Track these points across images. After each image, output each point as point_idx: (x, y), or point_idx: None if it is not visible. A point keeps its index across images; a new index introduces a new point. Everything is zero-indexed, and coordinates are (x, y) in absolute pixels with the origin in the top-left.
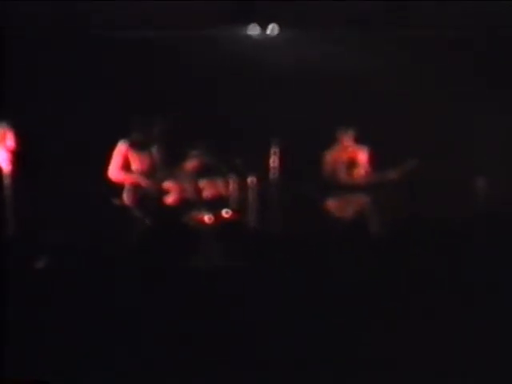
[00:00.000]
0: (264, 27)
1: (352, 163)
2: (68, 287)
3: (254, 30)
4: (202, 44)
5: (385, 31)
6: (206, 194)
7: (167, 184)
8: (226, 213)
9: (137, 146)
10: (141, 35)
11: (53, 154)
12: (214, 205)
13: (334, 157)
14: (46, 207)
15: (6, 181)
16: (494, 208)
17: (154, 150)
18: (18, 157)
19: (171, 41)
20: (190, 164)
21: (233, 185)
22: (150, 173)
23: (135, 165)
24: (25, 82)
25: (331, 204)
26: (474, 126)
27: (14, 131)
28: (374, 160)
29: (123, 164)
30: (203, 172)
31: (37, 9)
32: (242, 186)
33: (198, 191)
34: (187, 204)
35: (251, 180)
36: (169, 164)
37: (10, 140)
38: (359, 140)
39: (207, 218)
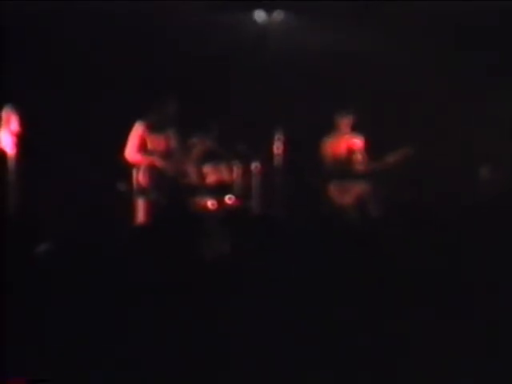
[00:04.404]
0: (269, 13)
1: (351, 150)
2: (70, 275)
3: (259, 16)
4: (208, 29)
5: (386, 17)
6: (210, 180)
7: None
8: (229, 199)
9: (153, 127)
10: (146, 21)
11: (57, 137)
12: (218, 191)
13: (334, 143)
14: (51, 191)
15: (11, 164)
16: (495, 195)
17: (171, 131)
18: (22, 140)
19: (178, 26)
20: (194, 149)
21: (236, 171)
22: (167, 155)
23: (151, 146)
24: (29, 64)
25: (333, 190)
26: (475, 112)
27: (19, 115)
28: (372, 146)
29: (140, 145)
30: (207, 158)
31: None
32: (246, 173)
33: (202, 177)
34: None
35: (255, 166)
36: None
37: (15, 123)
38: (358, 126)
39: (210, 203)
